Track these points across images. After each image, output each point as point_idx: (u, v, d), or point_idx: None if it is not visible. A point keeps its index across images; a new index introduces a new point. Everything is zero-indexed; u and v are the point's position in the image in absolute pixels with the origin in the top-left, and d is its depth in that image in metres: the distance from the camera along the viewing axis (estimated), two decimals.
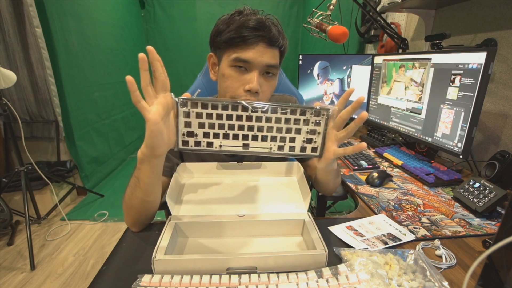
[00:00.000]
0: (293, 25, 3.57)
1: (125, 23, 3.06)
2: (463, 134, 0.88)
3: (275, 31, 0.64)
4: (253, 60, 0.63)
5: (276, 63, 0.66)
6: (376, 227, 0.67)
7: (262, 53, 0.63)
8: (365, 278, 0.47)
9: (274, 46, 0.64)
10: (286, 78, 1.22)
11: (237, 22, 0.62)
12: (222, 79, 0.67)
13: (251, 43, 0.62)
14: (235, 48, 0.63)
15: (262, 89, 0.66)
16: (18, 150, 1.75)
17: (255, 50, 0.62)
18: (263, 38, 0.62)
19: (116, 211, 2.14)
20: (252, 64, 0.63)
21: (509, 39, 1.00)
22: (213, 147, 0.54)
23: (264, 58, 0.63)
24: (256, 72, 0.64)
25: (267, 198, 0.69)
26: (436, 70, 0.98)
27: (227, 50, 0.65)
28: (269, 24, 0.63)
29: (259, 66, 0.64)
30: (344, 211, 1.96)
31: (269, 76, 0.67)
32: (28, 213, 1.68)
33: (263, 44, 0.62)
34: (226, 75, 0.66)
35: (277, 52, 0.66)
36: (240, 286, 0.46)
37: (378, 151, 1.23)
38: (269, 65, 0.64)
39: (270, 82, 0.68)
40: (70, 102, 2.20)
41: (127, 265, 0.54)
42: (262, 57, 0.63)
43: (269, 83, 0.68)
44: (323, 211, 1.07)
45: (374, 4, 1.58)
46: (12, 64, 1.92)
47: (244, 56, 0.62)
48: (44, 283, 1.48)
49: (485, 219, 0.74)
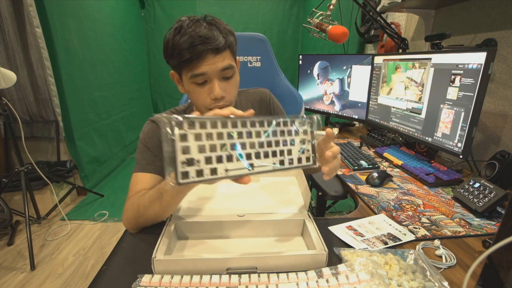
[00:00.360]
0: (293, 25, 3.57)
1: (125, 23, 3.06)
2: (463, 134, 0.88)
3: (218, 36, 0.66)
4: (208, 71, 0.66)
5: (229, 64, 0.68)
6: (376, 227, 0.67)
7: (213, 61, 0.65)
8: (365, 278, 0.47)
9: (222, 51, 0.67)
10: (285, 79, 1.22)
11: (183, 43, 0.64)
12: (190, 94, 0.72)
13: (201, 58, 0.64)
14: (189, 67, 0.66)
15: (227, 91, 0.69)
16: (18, 150, 1.76)
17: (206, 61, 0.65)
18: (207, 50, 0.64)
19: (116, 211, 2.14)
20: (208, 75, 0.66)
21: (509, 39, 1.00)
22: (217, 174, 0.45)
23: (217, 64, 0.66)
24: (215, 80, 0.67)
25: (267, 198, 0.69)
26: (436, 70, 0.98)
27: (183, 70, 0.68)
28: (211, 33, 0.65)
29: (215, 74, 0.67)
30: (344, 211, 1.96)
31: (229, 78, 0.70)
32: (28, 213, 1.68)
33: (211, 55, 0.65)
34: (190, 91, 0.70)
35: (227, 53, 0.68)
36: (240, 286, 0.46)
37: (378, 151, 1.23)
38: (223, 68, 0.67)
39: (231, 82, 0.71)
40: (70, 102, 2.20)
41: (127, 265, 0.54)
42: (215, 64, 0.66)
43: (230, 83, 0.71)
44: (323, 211, 1.07)
45: (374, 4, 1.58)
46: (12, 64, 1.92)
47: (198, 71, 0.65)
48: (44, 283, 1.48)
49: (485, 219, 0.74)
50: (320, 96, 1.76)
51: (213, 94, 0.67)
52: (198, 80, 0.67)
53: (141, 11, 3.49)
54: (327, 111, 1.74)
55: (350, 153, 1.19)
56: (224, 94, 0.68)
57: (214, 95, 0.67)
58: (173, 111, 0.85)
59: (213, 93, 0.67)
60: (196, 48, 0.63)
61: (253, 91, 0.92)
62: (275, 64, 1.20)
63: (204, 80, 0.67)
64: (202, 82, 0.68)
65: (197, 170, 0.44)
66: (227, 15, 3.39)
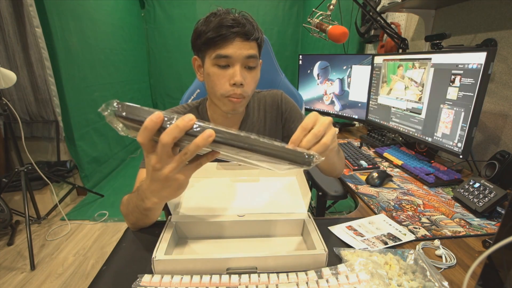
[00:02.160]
0: (293, 25, 3.57)
1: (125, 23, 3.06)
2: (463, 134, 0.88)
3: (249, 26, 0.68)
4: (233, 54, 0.66)
5: (255, 53, 0.69)
6: (376, 227, 0.67)
7: (240, 46, 0.67)
8: (365, 278, 0.47)
9: (251, 39, 0.68)
10: (285, 78, 1.22)
11: (213, 23, 0.66)
12: (208, 78, 0.71)
13: (229, 39, 0.66)
14: (215, 47, 0.67)
15: (246, 82, 0.70)
16: (18, 150, 1.75)
17: (233, 45, 0.66)
18: (239, 33, 0.66)
19: (116, 211, 2.14)
20: (232, 59, 0.67)
21: (509, 39, 1.00)
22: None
23: (243, 50, 0.67)
24: (238, 66, 0.68)
25: (267, 198, 0.69)
26: (436, 70, 0.98)
27: (208, 50, 0.69)
28: (243, 20, 0.67)
29: (239, 59, 0.67)
30: (344, 211, 1.96)
31: (251, 69, 0.71)
32: (28, 213, 1.68)
33: (239, 39, 0.66)
34: (211, 73, 0.70)
35: (254, 44, 0.70)
36: (240, 286, 0.46)
37: (378, 151, 1.23)
38: (248, 56, 0.68)
39: (252, 74, 0.71)
40: (70, 102, 2.21)
41: (127, 265, 0.54)
42: (241, 50, 0.67)
43: (252, 75, 0.71)
44: (323, 211, 1.07)
45: (374, 4, 1.58)
46: (12, 64, 1.92)
47: (224, 52, 0.66)
48: (44, 283, 1.48)
49: (485, 219, 0.74)
50: (320, 96, 1.76)
51: (233, 79, 0.67)
52: (222, 62, 0.67)
53: (141, 11, 3.49)
54: (327, 111, 1.74)
55: (350, 153, 1.19)
56: (244, 82, 0.68)
57: (234, 80, 0.67)
58: (186, 107, 0.85)
59: (233, 78, 0.67)
60: (225, 29, 0.64)
61: (266, 94, 0.90)
62: (275, 64, 1.20)
63: (227, 63, 0.68)
64: (224, 66, 0.68)
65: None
66: None
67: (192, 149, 0.39)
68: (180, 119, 0.38)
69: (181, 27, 3.45)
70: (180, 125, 0.38)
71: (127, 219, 0.62)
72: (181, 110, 0.84)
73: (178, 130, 0.38)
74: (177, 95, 3.70)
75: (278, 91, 0.91)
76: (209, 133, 0.38)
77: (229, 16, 0.66)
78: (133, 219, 0.59)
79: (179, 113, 0.74)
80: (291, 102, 0.89)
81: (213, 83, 0.70)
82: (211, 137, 0.38)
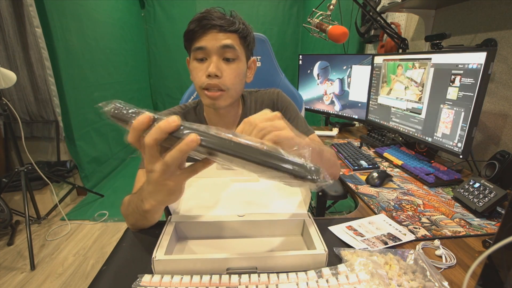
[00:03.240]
0: (293, 25, 3.57)
1: (125, 23, 3.06)
2: (463, 134, 0.88)
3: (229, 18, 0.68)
4: (207, 45, 0.67)
5: (231, 43, 0.69)
6: (376, 227, 0.67)
7: (214, 37, 0.67)
8: (365, 278, 0.47)
9: (228, 31, 0.68)
10: (285, 78, 1.22)
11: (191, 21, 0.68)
12: (192, 74, 0.73)
13: (204, 32, 0.67)
14: (193, 40, 0.68)
15: (224, 74, 0.69)
16: (18, 150, 1.75)
17: (208, 36, 0.67)
18: (214, 25, 0.67)
19: (116, 211, 2.14)
20: (208, 50, 0.68)
21: (509, 39, 1.00)
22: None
23: (218, 41, 0.67)
24: (214, 57, 0.68)
25: (267, 198, 0.69)
26: (436, 70, 0.98)
27: (190, 46, 0.70)
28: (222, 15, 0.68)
29: (214, 50, 0.68)
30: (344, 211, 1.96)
31: (229, 61, 0.70)
32: (28, 213, 1.68)
33: (215, 30, 0.67)
34: (191, 68, 0.72)
35: (234, 36, 0.70)
36: (240, 286, 0.46)
37: (378, 151, 1.23)
38: (224, 45, 0.68)
39: (232, 66, 0.70)
40: (70, 102, 2.21)
41: (127, 265, 0.54)
42: (215, 40, 0.67)
43: (231, 67, 0.70)
44: (323, 211, 1.06)
45: (374, 4, 1.58)
46: (12, 64, 1.92)
47: (199, 44, 0.68)
48: (44, 283, 1.48)
49: (485, 219, 0.74)
50: (320, 96, 1.76)
51: (208, 70, 0.67)
52: (199, 55, 0.68)
53: (141, 11, 3.49)
54: (327, 111, 1.74)
55: (350, 153, 1.19)
56: (219, 73, 0.68)
57: (208, 71, 0.67)
58: (183, 107, 0.85)
59: (209, 69, 0.67)
60: (202, 21, 0.66)
61: (264, 92, 0.90)
62: (275, 64, 1.20)
63: (203, 56, 0.69)
64: (202, 59, 0.69)
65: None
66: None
67: (174, 155, 0.37)
68: (163, 121, 0.36)
69: (181, 27, 3.41)
70: (161, 126, 0.36)
71: (127, 220, 0.62)
72: (178, 111, 0.83)
73: (159, 131, 0.36)
74: (177, 95, 3.70)
75: (276, 89, 0.90)
76: (192, 138, 0.35)
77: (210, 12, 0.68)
78: (132, 220, 0.60)
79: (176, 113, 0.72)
80: (287, 100, 0.88)
81: (193, 77, 0.72)
82: (194, 142, 0.35)
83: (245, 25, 0.72)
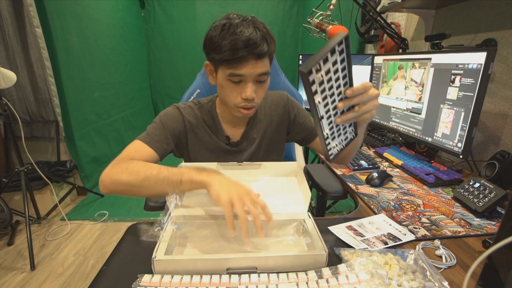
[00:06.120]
0: (293, 25, 3.57)
1: (125, 23, 3.06)
2: (463, 134, 0.88)
3: (262, 42, 0.68)
4: (246, 74, 0.69)
5: (266, 70, 0.71)
6: (376, 227, 0.67)
7: (253, 66, 0.68)
8: (365, 278, 0.47)
9: (263, 57, 0.69)
10: (285, 78, 1.22)
11: (227, 41, 0.66)
12: (221, 89, 0.75)
13: (243, 61, 0.67)
14: (229, 66, 0.68)
15: (257, 94, 0.73)
16: (18, 150, 1.75)
17: (247, 66, 0.68)
18: (253, 54, 0.67)
19: (116, 211, 2.14)
20: (245, 77, 0.69)
21: (509, 39, 1.00)
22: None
23: (256, 70, 0.69)
24: (250, 83, 0.71)
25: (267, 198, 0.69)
26: (436, 70, 0.98)
27: (222, 66, 0.70)
28: (257, 37, 0.67)
29: (251, 77, 0.70)
30: (344, 211, 1.96)
31: (261, 82, 0.73)
32: (28, 213, 1.68)
33: (253, 59, 0.68)
34: (224, 86, 0.73)
35: (267, 61, 0.71)
36: (240, 286, 0.46)
37: (378, 151, 1.23)
38: (260, 74, 0.70)
39: (263, 86, 0.75)
40: (70, 102, 2.20)
41: (127, 265, 0.54)
42: (254, 69, 0.69)
43: (262, 87, 0.74)
44: (323, 211, 1.06)
45: (374, 4, 1.58)
46: (12, 64, 1.92)
47: (238, 72, 0.68)
48: (44, 283, 1.48)
49: (485, 219, 0.74)
50: None
51: (245, 94, 0.70)
52: (235, 79, 0.70)
53: (141, 11, 3.48)
54: None
55: None
56: (255, 96, 0.72)
57: (245, 96, 0.70)
58: (196, 103, 0.87)
59: (245, 93, 0.70)
60: (240, 51, 0.66)
61: (272, 93, 0.92)
62: (275, 64, 1.20)
63: (240, 80, 0.70)
64: (237, 81, 0.70)
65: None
66: None
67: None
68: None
69: (181, 27, 3.45)
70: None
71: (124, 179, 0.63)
72: (192, 106, 0.86)
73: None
74: (177, 95, 3.69)
75: (284, 92, 0.94)
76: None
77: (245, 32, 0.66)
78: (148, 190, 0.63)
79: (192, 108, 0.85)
80: (297, 103, 0.93)
81: (226, 95, 0.74)
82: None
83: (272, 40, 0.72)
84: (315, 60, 0.43)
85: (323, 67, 0.45)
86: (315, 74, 0.45)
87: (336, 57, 0.47)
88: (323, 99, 0.49)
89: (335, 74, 0.49)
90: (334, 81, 0.49)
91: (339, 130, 0.57)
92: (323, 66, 0.45)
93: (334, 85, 0.49)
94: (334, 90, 0.50)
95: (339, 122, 0.54)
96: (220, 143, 0.85)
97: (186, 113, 0.83)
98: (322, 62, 0.45)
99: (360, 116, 0.56)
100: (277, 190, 0.73)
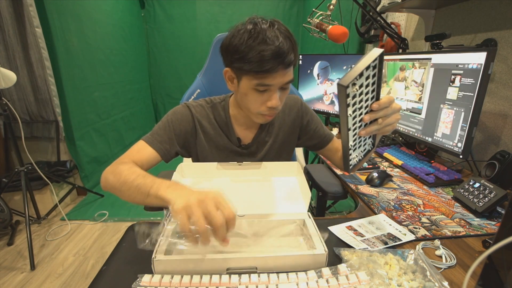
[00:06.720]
0: (293, 25, 3.57)
1: (125, 23, 3.06)
2: (463, 134, 0.88)
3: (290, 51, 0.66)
4: (274, 83, 0.68)
5: (292, 78, 0.71)
6: (376, 227, 0.67)
7: (281, 76, 0.68)
8: (365, 278, 0.47)
9: (291, 66, 0.69)
10: None
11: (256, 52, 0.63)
12: (245, 97, 0.72)
13: (272, 72, 0.65)
14: (257, 76, 0.66)
15: (280, 100, 0.72)
16: (18, 150, 1.75)
17: (275, 77, 0.67)
18: (281, 64, 0.65)
19: (116, 211, 2.14)
20: (273, 86, 0.69)
21: (509, 39, 1.00)
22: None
23: (284, 79, 0.69)
24: (276, 91, 0.70)
25: (267, 198, 0.69)
26: (436, 70, 0.98)
27: (247, 75, 0.68)
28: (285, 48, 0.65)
29: (278, 86, 0.69)
30: (344, 211, 1.96)
31: (285, 89, 0.73)
32: (28, 213, 1.68)
33: (282, 70, 0.66)
34: (248, 94, 0.71)
35: (291, 68, 0.70)
36: (240, 286, 0.46)
37: (378, 151, 1.23)
38: (287, 82, 0.70)
39: (286, 92, 0.74)
40: (70, 102, 2.20)
41: (127, 265, 0.54)
42: (282, 79, 0.68)
43: (285, 93, 0.74)
44: (323, 211, 1.06)
45: (374, 4, 1.58)
46: (12, 64, 1.92)
47: (266, 82, 0.67)
48: (44, 283, 1.48)
49: (485, 219, 0.74)
50: (320, 96, 1.76)
51: (270, 103, 0.70)
52: (261, 88, 0.68)
53: (141, 11, 3.49)
54: (327, 111, 1.74)
55: None
56: (280, 104, 0.71)
57: (272, 104, 0.70)
58: (209, 101, 0.86)
59: (271, 102, 0.69)
60: (269, 63, 0.64)
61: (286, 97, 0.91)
62: None
63: (265, 89, 0.69)
64: (263, 90, 0.69)
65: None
66: (227, 15, 3.39)
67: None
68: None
69: (181, 27, 3.45)
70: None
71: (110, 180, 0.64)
72: (204, 105, 0.85)
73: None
74: (177, 95, 3.70)
75: (297, 96, 0.93)
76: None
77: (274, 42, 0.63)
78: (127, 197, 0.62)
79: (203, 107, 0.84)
80: (310, 108, 0.93)
81: (250, 103, 0.72)
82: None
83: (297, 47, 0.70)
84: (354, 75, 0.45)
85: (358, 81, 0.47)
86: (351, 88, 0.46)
87: (369, 72, 0.48)
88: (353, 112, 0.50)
89: (366, 88, 0.50)
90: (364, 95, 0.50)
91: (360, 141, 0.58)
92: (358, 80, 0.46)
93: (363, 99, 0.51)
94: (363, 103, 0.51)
95: (363, 134, 0.54)
96: (230, 144, 0.84)
97: (197, 111, 0.82)
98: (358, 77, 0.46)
99: (382, 128, 0.57)
100: (277, 190, 0.73)
